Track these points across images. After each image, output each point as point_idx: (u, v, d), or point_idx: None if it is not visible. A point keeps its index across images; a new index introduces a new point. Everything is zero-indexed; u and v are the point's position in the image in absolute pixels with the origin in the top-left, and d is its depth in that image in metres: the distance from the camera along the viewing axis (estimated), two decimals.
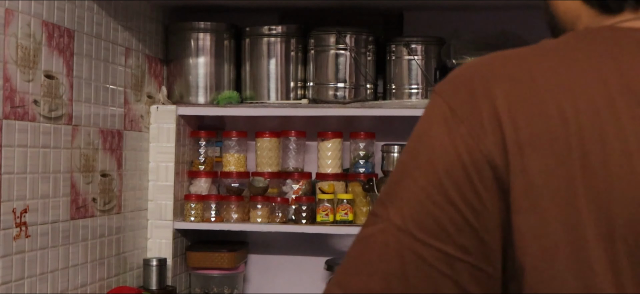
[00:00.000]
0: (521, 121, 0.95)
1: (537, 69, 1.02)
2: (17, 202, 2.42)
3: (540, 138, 0.95)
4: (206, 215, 3.43)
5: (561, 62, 1.02)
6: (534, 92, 0.98)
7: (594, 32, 1.07)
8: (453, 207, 0.95)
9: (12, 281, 2.40)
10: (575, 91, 0.97)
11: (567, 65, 1.01)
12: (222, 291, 3.45)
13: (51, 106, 2.61)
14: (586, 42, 1.05)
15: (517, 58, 1.07)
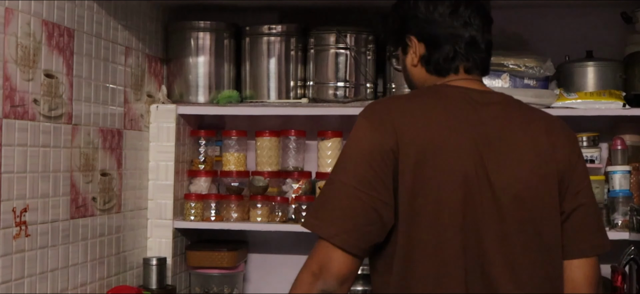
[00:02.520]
0: (404, 132, 1.88)
1: (410, 106, 1.96)
2: (17, 201, 2.42)
3: (412, 142, 1.88)
4: (206, 214, 3.43)
5: (420, 105, 1.96)
6: (409, 118, 1.91)
7: (435, 87, 2.03)
8: (373, 171, 1.87)
9: (12, 280, 2.40)
10: (426, 119, 1.92)
11: (423, 106, 1.96)
12: (222, 290, 3.45)
13: (51, 105, 2.61)
14: (431, 93, 2.01)
15: (403, 99, 2.04)
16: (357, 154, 1.89)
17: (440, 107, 1.93)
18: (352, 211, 1.87)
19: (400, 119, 1.89)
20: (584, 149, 3.34)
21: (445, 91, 1.99)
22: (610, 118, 3.32)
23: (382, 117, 1.90)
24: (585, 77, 3.30)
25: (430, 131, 1.88)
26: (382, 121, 1.89)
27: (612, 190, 3.26)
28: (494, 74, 3.26)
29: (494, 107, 1.99)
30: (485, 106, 1.97)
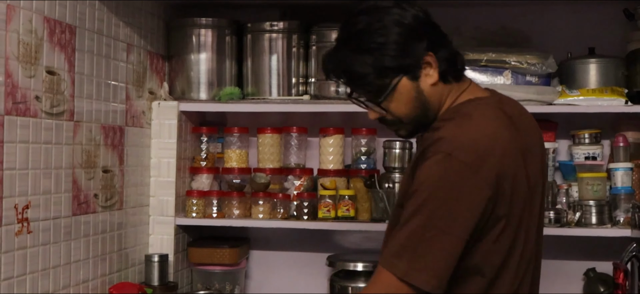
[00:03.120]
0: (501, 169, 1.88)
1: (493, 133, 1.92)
2: (19, 198, 2.42)
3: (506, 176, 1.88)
4: (208, 211, 3.43)
5: (496, 129, 1.93)
6: (499, 150, 1.90)
7: (482, 103, 1.99)
8: (474, 219, 1.85)
9: (14, 277, 2.41)
10: (505, 145, 1.91)
11: (497, 130, 1.93)
12: (224, 287, 3.45)
13: (53, 101, 2.61)
14: (489, 111, 1.96)
15: (485, 126, 1.93)
16: (461, 202, 1.82)
17: (504, 127, 1.93)
18: (453, 259, 1.84)
19: (495, 154, 1.86)
20: (586, 146, 3.34)
21: (488, 106, 1.97)
22: (613, 115, 3.32)
23: (481, 157, 1.84)
24: (588, 74, 3.29)
25: (511, 157, 1.90)
26: (482, 162, 1.84)
27: (614, 187, 3.26)
28: (495, 70, 3.26)
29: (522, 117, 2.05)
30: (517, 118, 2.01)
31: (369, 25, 1.92)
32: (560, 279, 3.50)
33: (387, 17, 1.91)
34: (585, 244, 3.42)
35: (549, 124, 3.40)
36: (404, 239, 1.83)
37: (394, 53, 1.91)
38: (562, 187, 3.34)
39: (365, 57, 1.91)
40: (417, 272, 1.80)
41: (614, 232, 3.17)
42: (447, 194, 1.81)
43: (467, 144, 1.84)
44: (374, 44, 1.91)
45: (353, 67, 1.93)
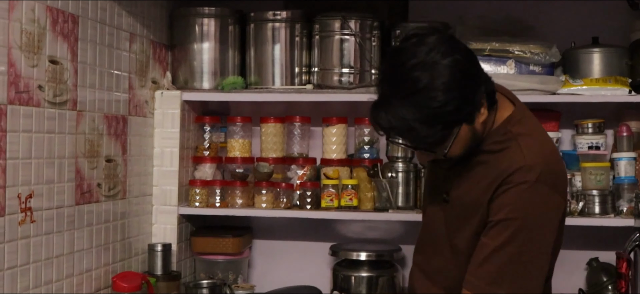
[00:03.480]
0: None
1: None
2: (22, 187, 2.43)
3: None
4: (211, 200, 3.43)
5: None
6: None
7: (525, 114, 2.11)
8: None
9: (18, 266, 2.41)
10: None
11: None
12: (227, 276, 3.45)
13: (56, 91, 2.61)
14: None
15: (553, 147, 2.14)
16: (548, 224, 1.98)
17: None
18: (544, 277, 2.03)
19: (562, 166, 2.10)
20: (590, 136, 3.33)
21: (531, 117, 2.15)
22: (616, 105, 3.31)
23: (558, 175, 2.03)
24: (591, 63, 3.28)
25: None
26: (559, 180, 2.03)
27: (617, 177, 3.25)
28: (499, 60, 3.26)
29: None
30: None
31: (431, 81, 1.85)
32: (563, 268, 3.49)
33: (446, 70, 1.86)
34: (588, 234, 3.42)
35: (553, 114, 3.39)
36: (500, 267, 1.90)
37: (458, 106, 1.88)
38: None
39: (429, 116, 1.86)
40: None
41: (617, 222, 3.17)
42: (537, 221, 1.92)
43: (547, 168, 1.95)
44: (438, 103, 1.86)
45: (416, 127, 1.88)
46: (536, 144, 1.99)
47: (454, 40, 1.95)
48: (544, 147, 2.02)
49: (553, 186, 1.96)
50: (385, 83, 1.92)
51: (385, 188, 3.25)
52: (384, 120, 1.90)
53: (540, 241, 1.95)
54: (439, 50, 1.87)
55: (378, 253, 3.32)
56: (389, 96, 1.89)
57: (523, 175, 1.91)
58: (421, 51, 1.87)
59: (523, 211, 1.91)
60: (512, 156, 1.95)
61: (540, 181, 1.92)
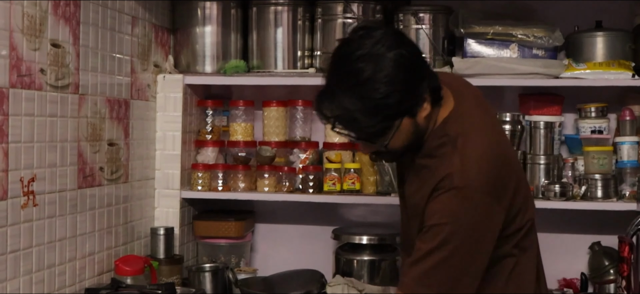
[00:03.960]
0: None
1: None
2: (25, 171, 2.43)
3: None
4: (213, 184, 3.43)
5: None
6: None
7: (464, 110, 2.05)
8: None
9: (20, 250, 2.41)
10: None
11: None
12: (229, 260, 3.46)
13: (58, 74, 2.60)
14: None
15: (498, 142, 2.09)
16: (479, 232, 1.95)
17: (489, 126, 2.12)
18: (478, 279, 2.01)
19: (500, 169, 2.00)
20: (592, 120, 3.32)
21: (470, 114, 2.09)
22: (619, 88, 3.30)
23: (492, 181, 1.95)
24: (594, 47, 3.27)
25: (506, 152, 2.13)
26: (493, 186, 1.96)
27: (620, 161, 3.25)
28: (502, 44, 3.25)
29: (468, 86, 2.25)
30: (474, 93, 2.22)
31: (374, 73, 1.88)
32: (565, 252, 3.50)
33: (390, 63, 1.88)
34: (591, 218, 3.42)
35: (556, 98, 3.38)
36: (429, 270, 1.92)
37: (400, 98, 1.90)
38: (568, 161, 3.34)
39: (371, 107, 1.89)
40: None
41: (620, 206, 3.17)
42: (468, 227, 1.91)
43: (479, 174, 1.92)
44: (380, 94, 1.88)
45: (357, 117, 1.91)
46: (470, 147, 1.95)
47: (400, 34, 1.98)
48: (478, 149, 1.96)
49: (485, 192, 1.92)
50: (331, 73, 1.95)
51: (387, 172, 3.25)
52: (327, 109, 1.94)
53: (471, 247, 1.92)
54: (385, 43, 1.89)
55: (380, 236, 3.32)
56: (333, 86, 1.93)
57: (452, 181, 1.91)
58: (367, 44, 1.90)
59: (452, 217, 1.91)
60: (445, 161, 1.95)
61: (469, 187, 1.90)
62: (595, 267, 3.39)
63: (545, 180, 3.26)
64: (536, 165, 3.29)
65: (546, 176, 3.28)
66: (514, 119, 3.32)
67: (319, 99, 1.96)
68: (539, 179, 3.28)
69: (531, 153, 3.32)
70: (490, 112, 2.16)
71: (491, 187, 1.93)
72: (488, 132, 2.03)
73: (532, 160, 3.30)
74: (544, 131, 3.30)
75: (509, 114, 3.33)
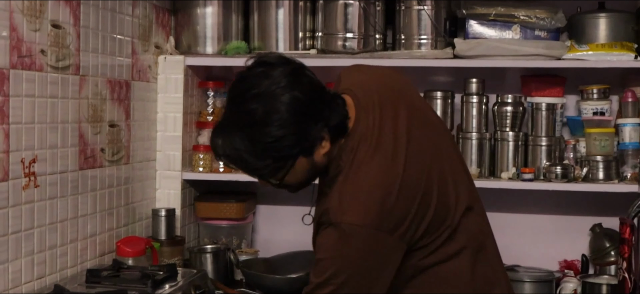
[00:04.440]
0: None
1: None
2: (26, 152, 2.43)
3: None
4: (214, 166, 3.43)
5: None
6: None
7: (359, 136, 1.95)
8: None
9: (22, 231, 2.42)
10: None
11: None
12: (231, 241, 3.46)
13: (58, 55, 2.60)
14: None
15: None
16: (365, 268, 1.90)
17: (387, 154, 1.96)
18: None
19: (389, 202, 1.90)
20: (594, 102, 3.32)
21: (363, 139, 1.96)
22: (622, 70, 3.29)
23: (376, 216, 1.87)
24: (597, 28, 3.26)
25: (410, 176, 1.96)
26: (378, 220, 1.88)
27: (621, 143, 3.25)
28: (504, 25, 3.24)
29: (383, 85, 2.10)
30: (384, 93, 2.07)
31: (266, 115, 1.84)
32: (567, 234, 3.51)
33: (283, 106, 1.84)
34: (592, 200, 3.42)
35: (558, 79, 3.37)
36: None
37: (293, 142, 1.87)
38: (570, 143, 3.33)
39: (262, 150, 1.87)
40: None
41: (621, 187, 3.17)
42: (353, 264, 1.85)
43: (355, 210, 1.85)
44: (271, 138, 1.85)
45: (248, 159, 1.89)
46: (351, 183, 1.89)
47: (299, 74, 1.92)
48: (361, 184, 1.88)
49: (369, 226, 1.84)
50: (226, 109, 1.94)
51: None
52: (219, 147, 1.92)
53: (362, 279, 1.87)
54: (280, 84, 1.86)
55: None
56: (226, 124, 1.91)
57: (329, 217, 1.87)
58: (263, 84, 1.86)
59: (334, 251, 1.86)
60: (330, 195, 1.92)
61: (347, 223, 1.84)
62: (596, 249, 3.39)
63: (546, 162, 3.26)
64: (538, 147, 3.29)
65: (548, 157, 3.27)
66: (515, 101, 3.32)
67: (213, 134, 1.94)
68: (541, 161, 3.27)
69: (533, 135, 3.31)
70: (406, 109, 2.00)
71: (376, 220, 1.84)
72: (382, 157, 1.91)
73: (534, 142, 3.30)
74: (545, 112, 3.29)
75: (511, 96, 3.32)
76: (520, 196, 3.48)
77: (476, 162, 3.32)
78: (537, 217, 3.55)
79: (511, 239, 3.51)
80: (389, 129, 1.95)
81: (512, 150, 3.31)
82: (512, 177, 3.27)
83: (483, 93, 3.35)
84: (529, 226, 3.55)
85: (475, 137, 3.33)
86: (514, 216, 3.56)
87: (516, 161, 3.31)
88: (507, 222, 3.53)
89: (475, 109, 3.33)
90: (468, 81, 3.35)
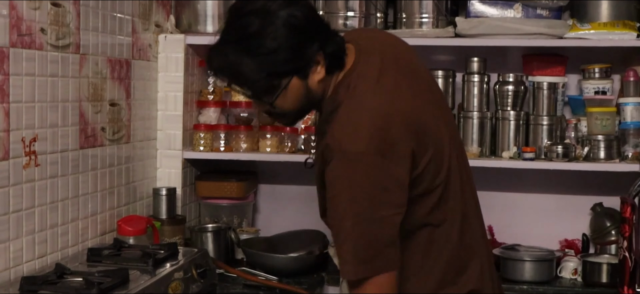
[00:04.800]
0: None
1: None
2: (26, 131, 2.42)
3: None
4: (215, 145, 3.43)
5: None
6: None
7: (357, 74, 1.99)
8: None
9: (23, 210, 2.42)
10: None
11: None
12: (232, 221, 3.46)
13: (58, 34, 2.59)
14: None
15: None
16: (378, 190, 1.90)
17: (389, 88, 1.99)
18: (395, 235, 1.94)
19: (393, 128, 1.94)
20: (596, 81, 3.31)
21: (361, 77, 1.99)
22: (623, 49, 3.28)
23: (380, 141, 1.90)
24: (599, 7, 3.25)
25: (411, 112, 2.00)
26: (383, 145, 1.91)
27: (623, 122, 3.24)
28: (506, 4, 3.22)
29: (387, 45, 2.15)
30: (389, 49, 2.11)
31: (262, 28, 1.88)
32: (567, 213, 3.51)
33: (279, 20, 1.88)
34: (593, 179, 3.42)
35: (559, 58, 3.37)
36: (350, 248, 1.88)
37: (287, 57, 1.90)
38: (571, 122, 3.33)
39: (256, 62, 1.89)
40: (380, 262, 1.88)
41: (622, 167, 3.16)
42: (365, 191, 1.86)
43: (354, 137, 1.87)
44: (265, 49, 1.88)
45: (243, 71, 1.91)
46: (347, 113, 1.92)
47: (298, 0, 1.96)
48: (359, 113, 1.91)
49: (370, 152, 1.87)
50: (223, 27, 1.97)
51: None
52: (214, 62, 1.95)
53: (376, 205, 1.87)
54: (278, 1, 1.91)
55: None
56: (223, 40, 1.94)
57: (333, 149, 1.89)
58: (260, 1, 1.92)
59: (345, 182, 1.87)
60: (330, 128, 1.93)
61: (350, 152, 1.86)
62: (597, 228, 3.40)
63: (548, 141, 3.25)
64: (539, 126, 3.28)
65: (549, 136, 3.27)
66: (517, 80, 3.31)
67: (209, 52, 1.98)
68: (542, 140, 3.27)
69: (534, 114, 3.31)
70: (409, 70, 2.05)
71: (381, 147, 1.87)
72: (381, 92, 1.94)
73: (535, 121, 3.29)
74: (547, 91, 3.29)
75: (512, 75, 3.32)
76: (521, 175, 3.48)
77: (477, 141, 3.32)
78: (538, 197, 3.56)
79: (512, 218, 3.52)
80: (391, 73, 1.98)
81: (513, 129, 3.30)
82: (513, 157, 3.27)
83: (484, 72, 3.34)
84: (529, 206, 3.56)
85: (476, 116, 3.32)
86: (515, 195, 3.56)
87: (517, 140, 3.30)
88: (507, 201, 3.53)
89: (476, 88, 3.33)
90: (469, 59, 3.34)
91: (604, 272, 3.10)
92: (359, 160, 1.86)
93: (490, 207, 2.06)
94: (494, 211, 3.34)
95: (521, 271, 3.12)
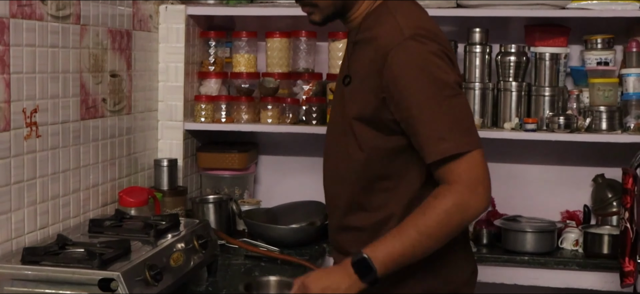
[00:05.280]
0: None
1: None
2: (27, 102, 2.42)
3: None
4: (216, 116, 3.42)
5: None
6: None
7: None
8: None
9: (24, 181, 2.42)
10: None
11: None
12: (233, 192, 3.47)
13: (58, 4, 2.57)
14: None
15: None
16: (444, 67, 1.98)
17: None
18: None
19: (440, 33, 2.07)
20: (599, 52, 3.30)
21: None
22: (626, 20, 3.27)
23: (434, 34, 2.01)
24: None
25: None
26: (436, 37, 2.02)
27: (625, 93, 3.23)
28: None
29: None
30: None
31: None
32: (569, 184, 3.51)
33: None
34: (595, 150, 3.42)
35: (561, 29, 3.35)
36: (447, 123, 1.90)
37: None
38: (573, 93, 3.32)
39: None
40: (477, 137, 1.95)
41: (624, 138, 3.16)
42: (438, 68, 1.92)
43: (417, 23, 1.98)
44: None
45: None
46: (405, 10, 2.01)
47: None
48: (415, 11, 2.04)
49: (431, 39, 1.95)
50: None
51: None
52: None
53: (451, 84, 1.93)
54: None
55: None
56: None
57: (396, 38, 1.94)
58: None
59: (416, 67, 1.91)
60: (385, 26, 1.98)
61: (417, 35, 1.93)
62: (599, 199, 3.40)
63: (549, 112, 3.25)
64: (541, 97, 3.27)
65: (551, 107, 3.26)
66: (519, 51, 3.30)
67: None
68: (544, 111, 3.26)
69: (536, 85, 3.30)
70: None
71: (434, 36, 1.97)
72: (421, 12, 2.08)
73: (537, 92, 3.29)
74: (549, 62, 3.28)
75: (515, 46, 3.30)
76: (523, 147, 3.48)
77: (479, 112, 3.31)
78: (539, 168, 3.56)
79: (513, 189, 3.52)
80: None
81: (515, 100, 3.30)
82: (515, 128, 3.27)
83: (486, 43, 3.33)
84: (531, 177, 3.56)
85: (478, 87, 3.31)
86: (517, 166, 3.56)
87: (519, 111, 3.30)
88: (509, 172, 3.53)
89: (478, 59, 3.32)
90: (471, 30, 3.33)
91: (605, 243, 3.10)
92: (426, 40, 1.93)
93: (492, 178, 2.05)
94: (496, 182, 3.32)
95: (522, 242, 3.13)
